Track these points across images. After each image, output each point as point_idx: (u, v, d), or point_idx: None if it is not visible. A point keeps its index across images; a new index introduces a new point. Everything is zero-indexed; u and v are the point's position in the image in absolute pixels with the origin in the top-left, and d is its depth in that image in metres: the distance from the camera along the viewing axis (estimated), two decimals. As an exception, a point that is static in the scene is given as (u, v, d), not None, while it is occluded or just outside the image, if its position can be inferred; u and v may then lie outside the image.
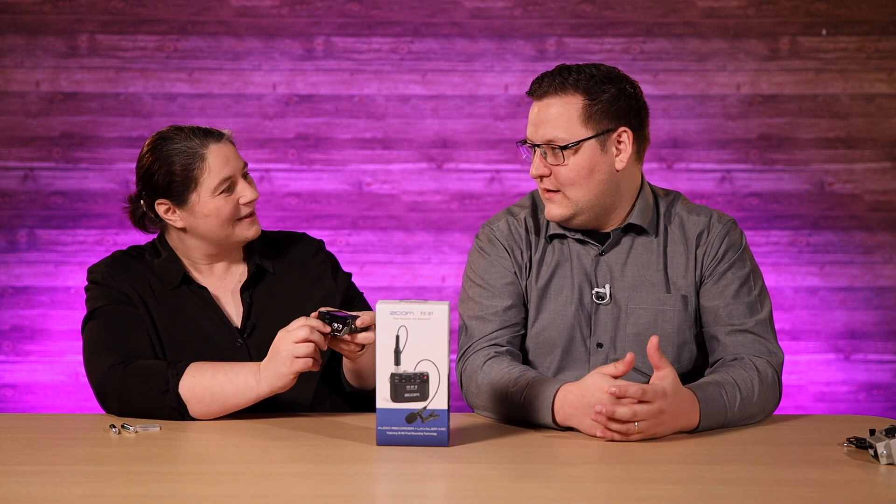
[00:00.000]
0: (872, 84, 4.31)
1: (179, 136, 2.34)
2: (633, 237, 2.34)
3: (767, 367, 2.23)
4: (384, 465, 1.90)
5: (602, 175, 2.27)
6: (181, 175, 2.32)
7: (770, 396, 2.22)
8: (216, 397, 2.17)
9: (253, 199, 2.36)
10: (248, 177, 2.40)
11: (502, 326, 2.31)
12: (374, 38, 4.32)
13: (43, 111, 4.27)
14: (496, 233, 2.38)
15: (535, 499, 1.70)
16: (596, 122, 2.25)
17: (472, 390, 2.25)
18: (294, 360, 2.11)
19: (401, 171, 4.32)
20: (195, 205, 2.34)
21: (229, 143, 2.38)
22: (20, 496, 1.70)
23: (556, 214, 2.30)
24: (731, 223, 2.35)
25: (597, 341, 2.31)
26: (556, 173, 2.26)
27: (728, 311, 2.29)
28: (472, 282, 2.37)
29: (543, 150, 2.27)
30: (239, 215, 2.36)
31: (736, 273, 2.31)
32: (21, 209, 4.28)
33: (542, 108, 2.27)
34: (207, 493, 1.72)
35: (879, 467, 1.86)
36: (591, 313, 2.31)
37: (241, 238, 2.38)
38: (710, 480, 1.80)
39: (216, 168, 2.33)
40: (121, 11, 4.27)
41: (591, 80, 2.25)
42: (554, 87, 2.26)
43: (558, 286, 2.33)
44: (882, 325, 4.32)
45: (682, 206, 2.37)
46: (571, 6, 4.28)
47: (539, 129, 2.26)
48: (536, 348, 2.33)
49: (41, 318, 4.28)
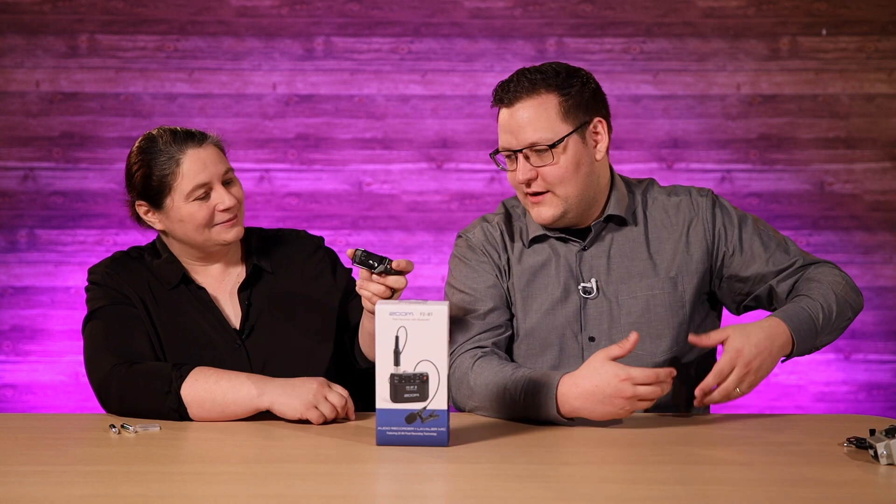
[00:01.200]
0: (872, 84, 4.31)
1: (162, 139, 2.33)
2: (613, 229, 2.36)
3: (829, 271, 2.32)
4: (384, 465, 1.90)
5: (586, 168, 2.28)
6: (156, 179, 2.32)
7: (850, 293, 2.30)
8: (216, 403, 2.17)
9: (231, 206, 2.33)
10: (231, 182, 2.37)
11: (485, 329, 2.31)
12: (374, 38, 4.32)
13: (43, 111, 4.27)
14: (472, 240, 2.39)
15: (535, 499, 1.70)
16: (573, 117, 2.26)
17: (463, 392, 2.24)
18: (312, 407, 2.13)
19: (401, 171, 4.32)
20: (170, 209, 2.34)
21: (212, 148, 2.35)
22: (20, 496, 1.70)
23: (547, 216, 2.30)
24: (710, 193, 2.39)
25: (588, 335, 2.32)
26: (545, 174, 2.27)
27: (767, 265, 2.34)
28: (454, 289, 2.37)
29: (526, 154, 2.26)
30: (214, 221, 2.34)
31: (747, 231, 2.36)
32: (21, 209, 4.28)
33: (515, 113, 2.27)
34: (207, 493, 1.72)
35: (879, 467, 1.85)
36: (579, 308, 2.32)
37: (218, 242, 2.36)
38: (710, 480, 1.80)
39: (190, 174, 2.31)
40: (121, 11, 4.27)
41: (558, 76, 2.26)
42: (524, 90, 2.26)
43: (543, 286, 2.34)
44: (882, 325, 4.32)
45: (658, 190, 2.41)
46: (571, 6, 4.28)
47: (518, 135, 2.26)
48: (529, 349, 2.33)
49: (41, 318, 4.28)
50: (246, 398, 2.16)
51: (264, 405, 2.15)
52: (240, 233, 2.37)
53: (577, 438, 2.06)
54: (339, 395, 2.16)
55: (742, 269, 2.35)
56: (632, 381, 2.04)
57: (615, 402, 2.06)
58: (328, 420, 2.14)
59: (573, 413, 2.11)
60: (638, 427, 2.15)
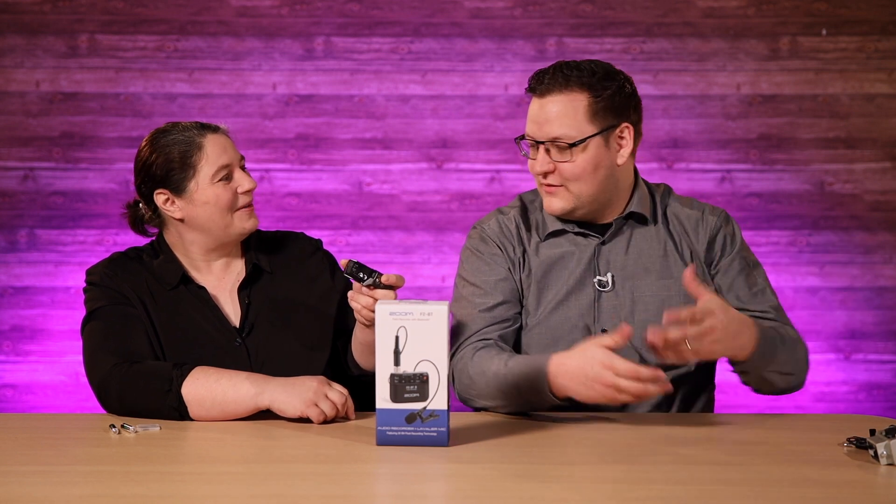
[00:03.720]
0: (872, 84, 4.31)
1: (176, 129, 2.38)
2: (632, 226, 2.36)
3: (795, 331, 2.31)
4: (384, 465, 1.90)
5: (605, 171, 2.28)
6: (180, 163, 2.34)
7: (803, 359, 2.29)
8: (216, 402, 2.17)
9: (251, 189, 2.38)
10: (245, 169, 2.41)
11: (492, 323, 2.31)
12: (374, 38, 4.32)
13: (43, 111, 4.27)
14: (487, 231, 2.39)
15: (535, 499, 1.70)
16: (601, 119, 2.26)
17: (464, 382, 2.25)
18: (311, 406, 2.13)
19: (401, 171, 4.32)
20: (194, 192, 2.35)
21: (226, 136, 2.41)
22: (20, 496, 1.70)
23: (557, 208, 2.31)
24: (722, 215, 2.38)
25: (601, 328, 2.32)
26: (562, 170, 2.27)
27: (740, 300, 2.31)
28: (465, 281, 2.37)
29: (547, 147, 2.27)
30: (237, 205, 2.37)
31: (739, 261, 2.34)
32: (21, 209, 4.28)
33: (545, 105, 2.27)
34: (207, 493, 1.72)
35: (879, 467, 1.86)
36: (593, 301, 2.32)
37: (239, 229, 2.38)
38: (710, 480, 1.80)
39: (214, 156, 2.35)
40: (121, 11, 4.27)
41: (594, 76, 2.26)
42: (557, 85, 2.26)
43: (559, 276, 2.34)
44: (882, 325, 4.32)
45: (673, 198, 2.41)
46: (571, 6, 4.28)
47: (543, 127, 2.27)
48: (540, 340, 2.34)
49: (41, 318, 4.28)
50: (246, 397, 2.16)
51: (264, 404, 2.16)
52: (257, 222, 2.41)
53: (577, 438, 2.06)
54: (339, 392, 2.16)
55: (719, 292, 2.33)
56: (613, 370, 2.03)
57: (595, 387, 2.06)
58: (328, 419, 2.14)
59: (562, 391, 2.11)
60: (638, 427, 2.15)
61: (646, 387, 2.04)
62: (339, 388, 2.18)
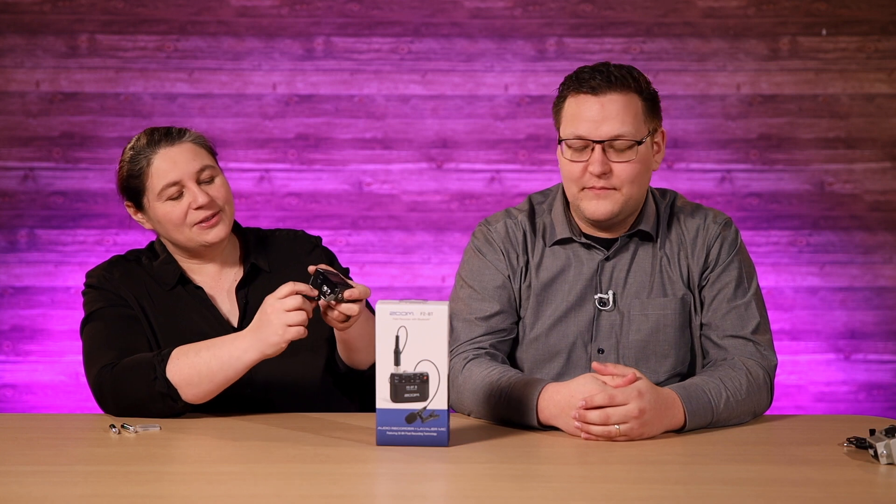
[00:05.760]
0: (872, 84, 4.31)
1: (141, 140, 2.36)
2: (637, 243, 2.32)
3: (758, 368, 2.21)
4: (384, 465, 1.90)
5: (648, 174, 2.27)
6: (132, 180, 2.35)
7: (760, 398, 2.20)
8: (203, 375, 2.14)
9: (204, 203, 2.30)
10: (211, 180, 2.34)
11: (487, 332, 2.29)
12: (374, 38, 4.32)
13: (43, 111, 4.27)
14: (493, 234, 2.35)
15: (535, 499, 1.70)
16: (649, 120, 2.25)
17: (453, 394, 2.23)
18: (286, 328, 2.08)
19: (401, 171, 4.32)
20: (148, 209, 2.36)
21: (187, 145, 2.34)
22: (20, 496, 1.70)
23: (605, 211, 2.23)
24: (724, 224, 2.32)
25: (598, 347, 2.30)
26: (618, 171, 2.21)
27: (722, 317, 2.27)
28: (464, 281, 2.36)
29: (604, 147, 2.20)
30: (192, 220, 2.32)
31: (729, 277, 2.29)
32: (21, 209, 4.28)
33: (607, 104, 2.20)
34: (207, 493, 1.72)
35: (879, 467, 1.85)
36: (593, 318, 2.30)
37: (199, 242, 2.34)
38: (710, 480, 1.80)
39: (160, 173, 2.31)
40: (121, 11, 4.27)
41: (638, 78, 2.24)
42: (617, 83, 2.21)
43: (560, 290, 2.31)
44: (882, 325, 4.32)
45: (680, 207, 2.35)
46: (571, 6, 4.28)
47: (603, 125, 2.20)
48: (537, 355, 2.32)
49: (41, 318, 4.28)
50: (230, 361, 2.13)
51: (252, 361, 2.13)
52: (220, 233, 2.34)
53: (577, 439, 2.06)
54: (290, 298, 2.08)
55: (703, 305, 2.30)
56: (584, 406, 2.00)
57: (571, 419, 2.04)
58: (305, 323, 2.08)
59: (549, 420, 2.08)
60: (638, 427, 2.15)
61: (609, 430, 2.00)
62: (285, 291, 2.08)
